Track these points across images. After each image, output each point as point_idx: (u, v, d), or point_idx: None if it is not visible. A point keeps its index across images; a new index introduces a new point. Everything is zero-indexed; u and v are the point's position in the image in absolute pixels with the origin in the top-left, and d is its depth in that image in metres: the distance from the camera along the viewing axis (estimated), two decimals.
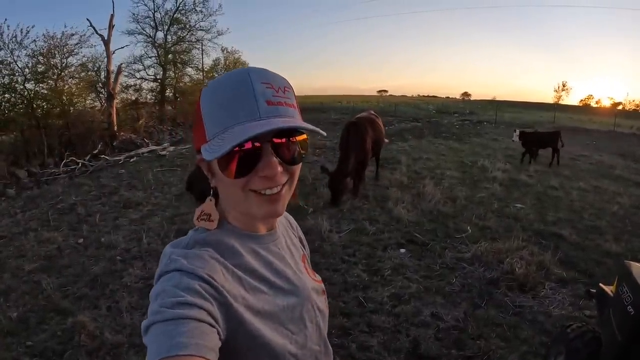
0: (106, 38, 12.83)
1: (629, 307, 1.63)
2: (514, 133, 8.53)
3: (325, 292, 0.73)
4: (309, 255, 0.78)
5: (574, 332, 2.02)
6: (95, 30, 12.62)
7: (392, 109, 25.14)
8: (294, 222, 0.79)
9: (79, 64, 13.05)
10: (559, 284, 3.24)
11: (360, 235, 4.20)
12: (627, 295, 1.67)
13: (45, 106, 11.30)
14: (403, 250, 3.88)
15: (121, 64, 14.11)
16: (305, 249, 0.78)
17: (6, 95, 10.79)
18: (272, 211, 0.56)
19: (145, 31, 17.43)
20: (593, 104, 67.56)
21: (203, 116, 0.55)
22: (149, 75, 17.85)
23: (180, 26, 17.99)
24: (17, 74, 10.96)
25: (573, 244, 4.06)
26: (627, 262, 1.83)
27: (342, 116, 18.85)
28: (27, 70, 11.17)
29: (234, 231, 0.60)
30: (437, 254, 3.78)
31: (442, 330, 2.64)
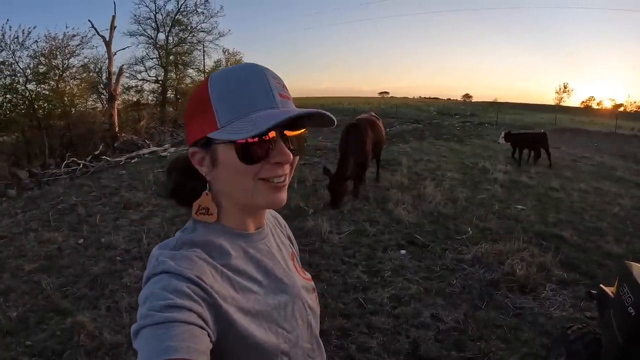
0: (108, 39, 12.89)
1: (629, 308, 1.62)
2: (500, 135, 8.60)
3: (316, 289, 0.72)
4: (298, 253, 0.78)
5: (574, 333, 2.02)
6: (96, 31, 12.71)
7: (393, 111, 25.17)
8: (282, 221, 0.79)
9: (81, 65, 13.18)
10: (559, 285, 3.22)
11: (361, 237, 4.19)
12: (627, 296, 1.66)
13: (46, 107, 11.35)
14: (403, 251, 3.87)
15: (122, 65, 14.21)
16: (294, 246, 0.78)
17: (8, 96, 10.85)
18: (278, 199, 0.58)
19: (146, 32, 17.52)
20: (594, 106, 67.74)
21: (213, 102, 0.54)
22: (150, 76, 17.96)
23: (182, 27, 18.04)
24: (18, 74, 11.05)
25: (574, 245, 4.05)
26: (628, 262, 1.82)
27: (343, 118, 18.74)
28: (28, 71, 11.26)
29: (222, 230, 0.60)
30: (438, 255, 3.77)
31: (442, 331, 2.63)
